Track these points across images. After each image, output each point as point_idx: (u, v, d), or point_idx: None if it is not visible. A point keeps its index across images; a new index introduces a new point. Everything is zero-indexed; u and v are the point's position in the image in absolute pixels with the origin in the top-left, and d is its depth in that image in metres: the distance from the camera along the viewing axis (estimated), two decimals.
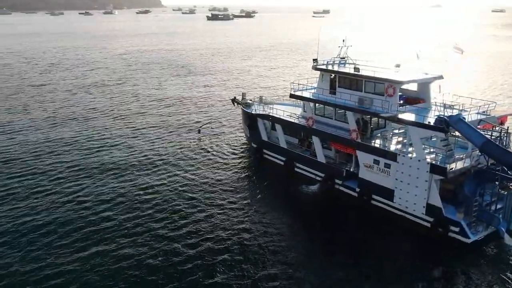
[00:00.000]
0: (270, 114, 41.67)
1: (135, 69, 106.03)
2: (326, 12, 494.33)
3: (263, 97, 46.97)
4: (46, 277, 25.55)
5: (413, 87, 36.21)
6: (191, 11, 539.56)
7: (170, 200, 35.08)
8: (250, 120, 43.88)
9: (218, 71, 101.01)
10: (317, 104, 38.13)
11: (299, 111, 41.71)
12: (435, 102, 34.31)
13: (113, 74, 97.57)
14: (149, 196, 35.74)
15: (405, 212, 32.07)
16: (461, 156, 30.85)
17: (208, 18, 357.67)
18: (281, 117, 40.47)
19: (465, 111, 32.31)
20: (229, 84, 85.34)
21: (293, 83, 40.27)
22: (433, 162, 29.94)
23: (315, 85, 39.88)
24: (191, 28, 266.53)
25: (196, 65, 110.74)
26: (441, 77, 35.14)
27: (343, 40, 39.22)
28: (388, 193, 32.68)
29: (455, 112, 31.99)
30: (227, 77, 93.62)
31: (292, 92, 39.81)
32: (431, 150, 31.59)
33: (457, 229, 29.44)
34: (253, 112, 43.69)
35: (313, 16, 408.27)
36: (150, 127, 55.52)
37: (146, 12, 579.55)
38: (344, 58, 39.59)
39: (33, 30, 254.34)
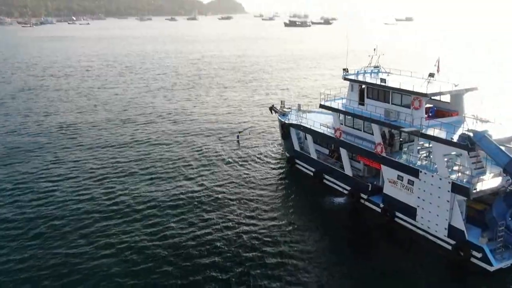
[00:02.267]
0: (302, 123, 41.32)
1: (203, 74, 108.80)
2: (409, 19, 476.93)
3: (301, 105, 46.49)
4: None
5: (446, 98, 34.36)
6: (271, 18, 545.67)
7: (197, 201, 36.41)
8: (284, 129, 43.81)
9: (282, 78, 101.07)
10: (347, 115, 37.27)
11: None
12: (464, 116, 32.31)
13: (181, 79, 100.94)
14: (180, 196, 37.33)
15: (427, 233, 30.48)
16: (490, 175, 28.74)
17: (286, 25, 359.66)
18: (311, 127, 40.00)
19: (500, 125, 30.20)
20: (289, 92, 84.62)
21: (323, 93, 39.69)
22: (456, 181, 28.18)
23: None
24: (266, 34, 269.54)
25: (260, 72, 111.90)
26: (475, 89, 32.94)
27: (374, 49, 38.01)
28: (411, 211, 31.27)
29: (488, 126, 29.97)
30: (289, 84, 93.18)
31: (322, 102, 39.21)
32: (460, 167, 29.74)
33: (479, 255, 27.52)
34: (287, 121, 43.53)
35: (385, 24, 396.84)
36: (197, 130, 57.43)
37: (228, 18, 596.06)
38: (377, 67, 38.35)
39: (120, 35, 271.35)
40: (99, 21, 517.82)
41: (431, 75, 35.05)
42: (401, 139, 34.36)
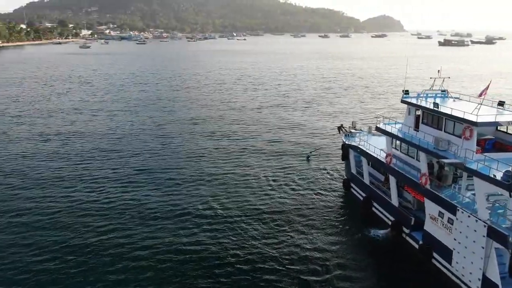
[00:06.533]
0: (359, 145, 38.95)
1: (328, 93, 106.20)
2: None
3: (371, 127, 43.60)
4: None
5: None
6: (427, 36, 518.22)
7: (249, 216, 36.88)
8: (344, 151, 41.78)
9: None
10: (400, 141, 34.22)
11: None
12: None
13: (303, 96, 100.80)
14: (233, 210, 38.17)
15: (461, 281, 26.54)
16: None
17: (440, 44, 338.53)
18: (367, 151, 37.48)
19: None
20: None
21: (379, 115, 36.90)
22: (492, 225, 24.14)
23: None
24: (414, 53, 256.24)
25: (385, 92, 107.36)
26: None
27: (438, 71, 34.21)
28: (448, 254, 27.56)
29: None
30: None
31: (378, 125, 36.49)
32: (506, 211, 25.36)
33: None
34: (347, 142, 41.40)
35: None
36: (286, 142, 58.22)
37: (382, 36, 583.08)
38: (444, 91, 34.50)
39: (271, 50, 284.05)
40: (256, 37, 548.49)
41: (501, 103, 30.58)
42: (455, 173, 30.42)
